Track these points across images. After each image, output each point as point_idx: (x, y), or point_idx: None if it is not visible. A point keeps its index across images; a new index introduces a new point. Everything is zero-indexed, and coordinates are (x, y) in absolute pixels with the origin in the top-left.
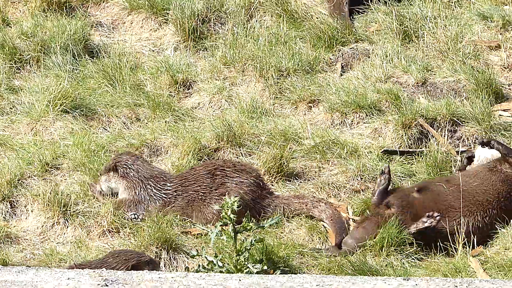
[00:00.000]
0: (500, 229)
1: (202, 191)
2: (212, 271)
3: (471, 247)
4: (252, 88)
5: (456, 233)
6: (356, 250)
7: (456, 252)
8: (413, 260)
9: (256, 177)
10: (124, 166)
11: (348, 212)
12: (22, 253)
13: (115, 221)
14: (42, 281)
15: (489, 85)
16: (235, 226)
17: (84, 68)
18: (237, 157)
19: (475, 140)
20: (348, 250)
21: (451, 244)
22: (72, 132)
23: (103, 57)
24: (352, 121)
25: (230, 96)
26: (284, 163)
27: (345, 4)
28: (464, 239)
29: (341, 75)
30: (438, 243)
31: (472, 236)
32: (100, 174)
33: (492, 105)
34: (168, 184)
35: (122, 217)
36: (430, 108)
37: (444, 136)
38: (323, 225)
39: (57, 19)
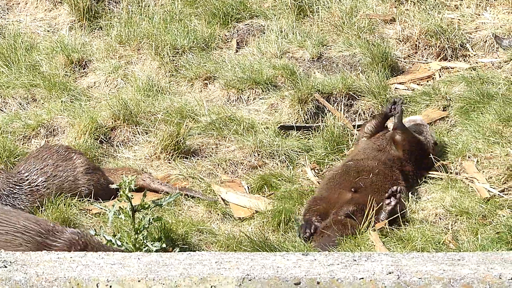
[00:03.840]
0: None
1: (60, 176)
2: None
3: (372, 221)
4: (147, 66)
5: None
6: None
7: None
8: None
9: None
10: None
11: (243, 188)
12: None
13: None
14: None
15: (385, 58)
16: (133, 205)
17: None
18: (134, 135)
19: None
20: None
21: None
22: None
23: None
24: (248, 97)
25: (125, 75)
26: (181, 141)
27: None
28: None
29: (237, 51)
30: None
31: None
32: None
33: (388, 79)
34: (22, 186)
35: None
36: (326, 82)
37: (341, 111)
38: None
39: None
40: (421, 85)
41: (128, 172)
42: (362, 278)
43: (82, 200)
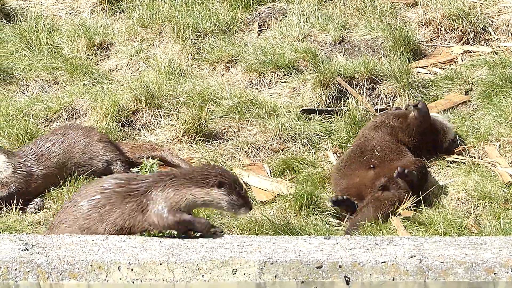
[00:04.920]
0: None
1: (70, 142)
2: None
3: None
4: (169, 49)
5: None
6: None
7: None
8: (336, 220)
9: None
10: None
11: (265, 171)
12: None
13: None
14: None
15: (407, 42)
16: None
17: (1, 32)
18: (155, 119)
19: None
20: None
21: None
22: None
23: (20, 20)
24: (270, 81)
25: (147, 57)
26: (202, 124)
27: None
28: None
29: (259, 34)
30: None
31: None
32: None
33: (410, 62)
34: (28, 159)
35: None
36: (348, 66)
37: (363, 94)
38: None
39: None
40: (443, 69)
41: (146, 147)
42: (384, 262)
43: None
